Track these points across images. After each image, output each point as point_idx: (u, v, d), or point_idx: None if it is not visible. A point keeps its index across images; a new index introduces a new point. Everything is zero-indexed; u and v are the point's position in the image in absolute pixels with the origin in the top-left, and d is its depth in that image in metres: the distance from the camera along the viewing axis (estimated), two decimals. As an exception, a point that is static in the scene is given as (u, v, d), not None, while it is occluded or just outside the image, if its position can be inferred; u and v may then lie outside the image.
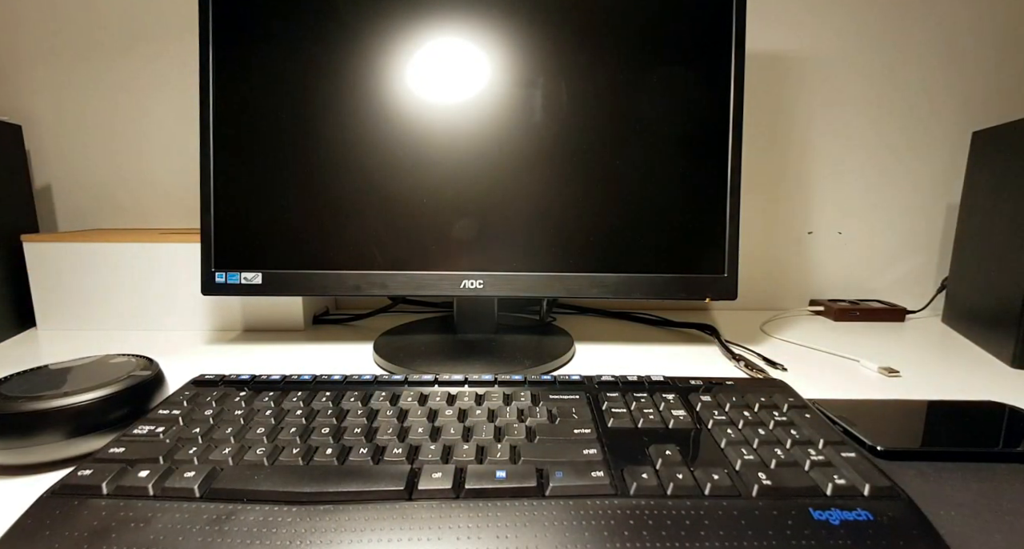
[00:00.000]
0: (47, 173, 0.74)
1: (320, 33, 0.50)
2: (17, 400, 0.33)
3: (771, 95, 0.73)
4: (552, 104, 0.50)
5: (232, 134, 0.51)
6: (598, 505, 0.26)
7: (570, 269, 0.51)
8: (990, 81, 0.72)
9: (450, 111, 0.50)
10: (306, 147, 0.50)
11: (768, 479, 0.28)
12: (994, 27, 0.71)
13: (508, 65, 0.50)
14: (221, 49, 0.50)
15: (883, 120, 0.74)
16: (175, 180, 0.74)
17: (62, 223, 0.75)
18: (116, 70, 0.71)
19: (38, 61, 0.71)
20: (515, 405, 0.35)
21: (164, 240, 0.61)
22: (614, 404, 0.36)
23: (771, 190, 0.76)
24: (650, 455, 0.30)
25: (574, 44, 0.50)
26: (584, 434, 0.32)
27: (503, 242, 0.51)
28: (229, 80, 0.50)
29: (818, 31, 0.72)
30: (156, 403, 0.38)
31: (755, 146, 0.75)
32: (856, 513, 0.26)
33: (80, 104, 0.72)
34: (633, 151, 0.51)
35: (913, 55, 0.72)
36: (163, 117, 0.72)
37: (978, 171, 0.62)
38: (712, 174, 0.51)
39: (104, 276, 0.61)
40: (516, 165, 0.50)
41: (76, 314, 0.62)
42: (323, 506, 0.26)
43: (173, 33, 0.70)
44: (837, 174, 0.75)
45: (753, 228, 0.77)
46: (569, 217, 0.51)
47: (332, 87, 0.50)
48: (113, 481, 0.27)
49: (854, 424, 0.35)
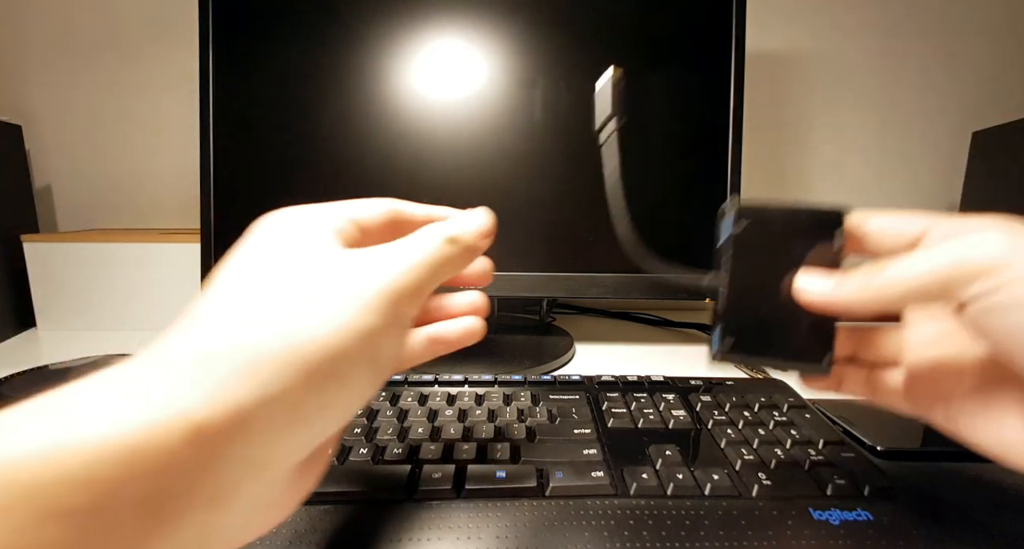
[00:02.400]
0: (47, 173, 0.74)
1: (320, 33, 0.50)
2: (17, 401, 0.33)
3: (771, 95, 0.73)
4: (552, 104, 0.50)
5: (232, 134, 0.51)
6: (598, 505, 0.26)
7: (570, 269, 0.51)
8: (990, 81, 0.72)
9: (450, 111, 0.50)
10: (306, 147, 0.50)
11: (768, 479, 0.28)
12: (994, 27, 0.71)
13: (508, 65, 0.50)
14: (221, 49, 0.50)
15: (883, 120, 0.74)
16: (175, 180, 0.74)
17: (62, 223, 0.75)
18: (116, 70, 0.71)
19: (38, 61, 0.71)
20: (515, 405, 0.35)
21: (164, 240, 0.61)
22: (614, 404, 0.36)
23: (771, 190, 0.76)
24: (650, 455, 0.30)
25: (574, 44, 0.50)
26: (584, 434, 0.32)
27: (503, 242, 0.51)
28: (229, 80, 0.50)
29: (818, 31, 0.72)
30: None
31: (755, 146, 0.75)
32: (856, 513, 0.26)
33: (80, 104, 0.72)
34: (633, 151, 0.51)
35: (913, 55, 0.72)
36: (163, 117, 0.72)
37: (978, 171, 0.62)
38: (712, 174, 0.51)
39: (104, 276, 0.61)
40: (516, 165, 0.50)
41: (76, 314, 0.62)
42: (323, 506, 0.26)
43: (173, 33, 0.70)
44: (837, 174, 0.75)
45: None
46: (569, 217, 0.51)
47: (332, 87, 0.50)
48: (113, 481, 0.27)
49: (854, 424, 0.35)
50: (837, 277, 0.21)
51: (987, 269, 0.17)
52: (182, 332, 0.16)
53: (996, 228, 0.19)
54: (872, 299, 0.20)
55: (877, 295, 0.20)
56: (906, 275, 0.19)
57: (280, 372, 0.15)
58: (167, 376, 0.15)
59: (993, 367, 0.21)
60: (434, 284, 0.20)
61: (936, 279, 0.18)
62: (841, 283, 0.21)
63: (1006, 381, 0.21)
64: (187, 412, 0.14)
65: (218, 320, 0.16)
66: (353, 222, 0.21)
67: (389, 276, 0.18)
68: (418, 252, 0.20)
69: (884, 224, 0.22)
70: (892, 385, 0.24)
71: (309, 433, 0.17)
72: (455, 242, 0.21)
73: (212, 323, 0.16)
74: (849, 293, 0.20)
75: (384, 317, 0.18)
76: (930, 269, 0.18)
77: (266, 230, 0.20)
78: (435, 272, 0.20)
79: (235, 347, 0.15)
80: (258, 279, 0.17)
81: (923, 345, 0.23)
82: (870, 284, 0.20)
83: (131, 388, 0.14)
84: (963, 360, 0.22)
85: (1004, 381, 0.21)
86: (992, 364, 0.21)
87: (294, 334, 0.16)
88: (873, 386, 0.25)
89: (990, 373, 0.21)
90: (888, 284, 0.19)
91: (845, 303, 0.20)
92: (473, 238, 0.22)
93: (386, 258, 0.19)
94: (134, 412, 0.14)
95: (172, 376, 0.15)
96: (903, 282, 0.19)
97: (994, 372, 0.21)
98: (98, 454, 0.13)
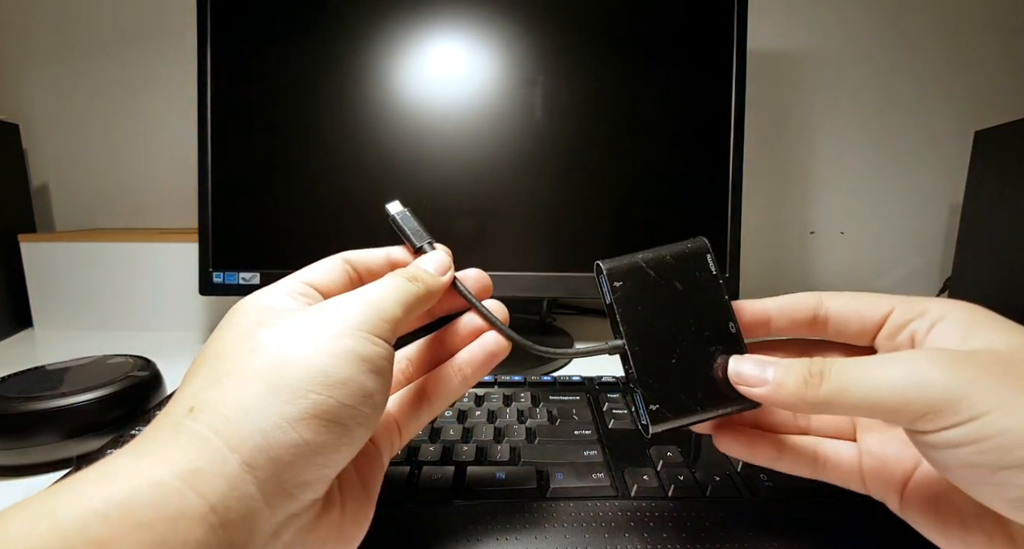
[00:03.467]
0: (44, 172, 0.73)
1: (319, 33, 0.49)
2: (14, 401, 0.33)
3: (773, 94, 0.73)
4: (553, 103, 0.50)
5: (230, 134, 0.50)
6: (599, 507, 0.26)
7: (570, 269, 0.51)
8: (992, 80, 0.72)
9: (450, 111, 0.50)
10: (304, 147, 0.50)
11: (769, 480, 0.28)
12: (996, 26, 0.71)
13: (509, 64, 0.50)
14: (219, 49, 0.50)
15: (885, 119, 0.74)
16: (173, 180, 0.73)
17: (59, 223, 0.75)
18: (114, 69, 0.71)
19: (36, 60, 0.70)
20: (515, 406, 0.35)
21: (162, 240, 0.60)
22: (615, 405, 0.36)
23: (773, 190, 0.76)
24: (651, 456, 0.30)
25: (575, 43, 0.50)
26: (585, 435, 0.32)
27: (503, 242, 0.51)
28: (227, 80, 0.50)
29: (820, 30, 0.72)
30: (154, 404, 0.37)
31: (757, 146, 0.74)
32: (858, 514, 0.25)
33: (78, 103, 0.71)
34: (634, 150, 0.51)
35: (916, 54, 0.72)
36: (161, 116, 0.72)
37: (981, 171, 0.62)
38: (713, 173, 0.51)
39: (101, 276, 0.61)
40: (516, 165, 0.50)
41: (73, 314, 0.61)
42: (321, 508, 0.25)
43: (172, 32, 0.70)
44: (839, 174, 0.75)
45: (755, 228, 0.76)
46: (569, 217, 0.51)
47: (331, 87, 0.50)
48: (109, 483, 0.27)
49: (856, 425, 0.35)
50: (773, 370, 0.19)
51: (938, 406, 0.16)
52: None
53: (956, 330, 0.18)
54: (809, 409, 0.18)
55: (814, 406, 0.18)
56: (851, 394, 0.17)
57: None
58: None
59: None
60: (404, 318, 0.20)
61: (881, 407, 0.17)
62: (780, 386, 0.19)
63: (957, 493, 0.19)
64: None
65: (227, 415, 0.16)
66: (308, 284, 0.21)
67: (354, 312, 0.19)
68: (379, 290, 0.20)
69: (847, 307, 0.21)
70: (842, 460, 0.22)
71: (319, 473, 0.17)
72: (416, 280, 0.21)
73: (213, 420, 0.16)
74: (787, 397, 0.19)
75: (360, 352, 0.18)
76: (876, 396, 0.17)
77: (232, 317, 0.19)
78: (404, 305, 0.20)
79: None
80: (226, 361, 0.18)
81: (874, 436, 0.22)
82: (807, 395, 0.18)
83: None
84: (914, 458, 0.21)
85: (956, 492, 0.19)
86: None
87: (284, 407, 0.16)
88: (815, 455, 0.23)
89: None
90: (828, 399, 0.18)
91: (781, 405, 0.19)
92: (432, 275, 0.22)
93: (347, 300, 0.19)
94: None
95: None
96: (844, 400, 0.17)
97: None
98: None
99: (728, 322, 0.21)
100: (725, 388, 0.21)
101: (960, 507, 0.19)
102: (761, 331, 0.22)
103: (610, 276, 0.22)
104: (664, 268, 0.22)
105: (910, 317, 0.20)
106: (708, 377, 0.21)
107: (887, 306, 0.20)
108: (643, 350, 0.21)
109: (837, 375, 0.18)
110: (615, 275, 0.22)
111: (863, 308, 0.21)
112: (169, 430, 0.16)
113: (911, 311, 0.20)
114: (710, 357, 0.21)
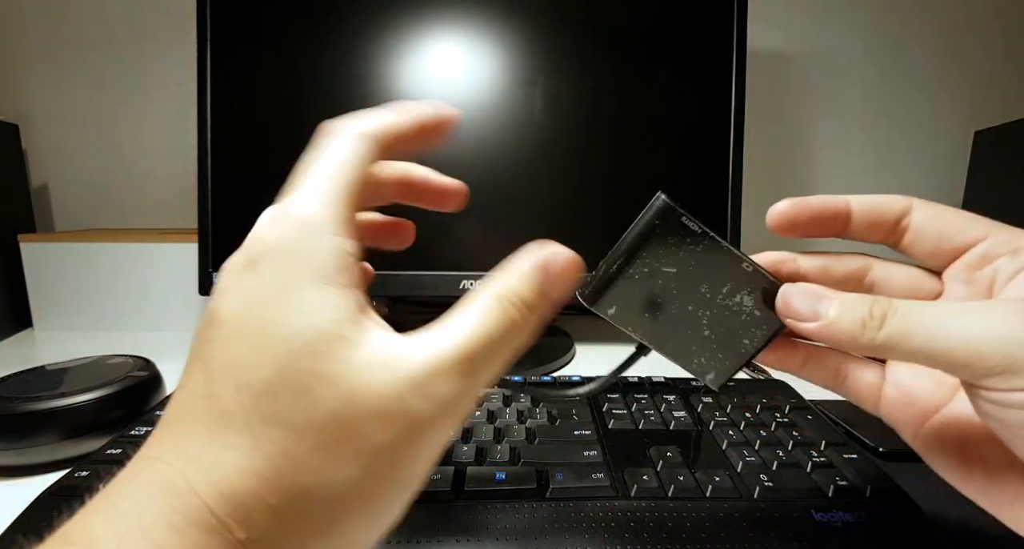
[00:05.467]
0: (44, 172, 0.73)
1: (319, 33, 0.49)
2: (14, 401, 0.33)
3: (772, 95, 0.73)
4: (553, 103, 0.50)
5: (230, 133, 0.50)
6: (598, 507, 0.26)
7: (570, 269, 0.51)
8: (992, 80, 0.72)
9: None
10: (304, 146, 0.50)
11: (769, 481, 0.27)
12: (996, 26, 0.71)
13: (509, 64, 0.50)
14: (219, 48, 0.50)
15: (885, 119, 0.74)
16: (172, 180, 0.73)
17: (59, 223, 0.75)
18: (114, 69, 0.71)
19: (36, 60, 0.70)
20: (515, 406, 0.35)
21: (161, 240, 0.60)
22: (615, 405, 0.36)
23: (773, 190, 0.76)
24: (651, 457, 0.30)
25: (575, 43, 0.50)
26: (584, 435, 0.32)
27: (503, 242, 0.51)
28: (227, 79, 0.50)
29: (820, 30, 0.72)
30: (154, 404, 0.37)
31: (756, 145, 0.74)
32: (858, 515, 0.25)
33: (78, 103, 0.71)
34: (634, 151, 0.51)
35: (915, 54, 0.72)
36: (161, 116, 0.72)
37: (980, 171, 0.62)
38: (713, 174, 0.51)
39: (101, 276, 0.61)
40: (516, 165, 0.50)
41: (73, 314, 0.61)
42: (321, 508, 0.25)
43: (172, 32, 0.70)
44: (839, 174, 0.75)
45: (755, 228, 0.76)
46: (569, 217, 0.51)
47: (331, 87, 0.50)
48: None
49: (856, 425, 0.35)
50: (827, 305, 0.17)
51: (1019, 365, 0.14)
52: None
53: None
54: (861, 351, 0.17)
55: (868, 349, 0.16)
56: (913, 342, 0.16)
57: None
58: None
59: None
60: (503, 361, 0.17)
61: (947, 358, 0.15)
62: (834, 323, 0.17)
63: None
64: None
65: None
66: (351, 253, 0.17)
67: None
68: (482, 328, 0.16)
69: (935, 220, 0.19)
70: (863, 381, 0.21)
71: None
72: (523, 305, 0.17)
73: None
74: (840, 335, 0.17)
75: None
76: (943, 346, 0.15)
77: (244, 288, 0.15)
78: (501, 349, 0.16)
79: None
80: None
81: (907, 370, 0.20)
82: (864, 337, 0.16)
83: None
84: (947, 392, 0.19)
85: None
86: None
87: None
88: (844, 377, 0.21)
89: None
90: (887, 343, 0.16)
91: (832, 343, 0.18)
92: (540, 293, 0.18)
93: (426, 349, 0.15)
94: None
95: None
96: (904, 347, 0.16)
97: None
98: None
99: (741, 264, 0.20)
100: (760, 321, 0.20)
101: (990, 460, 0.18)
102: (835, 227, 0.20)
103: (598, 308, 0.21)
104: (643, 264, 0.20)
105: (1002, 252, 0.18)
106: (744, 323, 0.20)
107: (980, 231, 0.18)
108: (673, 344, 0.21)
109: (902, 319, 0.16)
110: (604, 304, 0.21)
111: (952, 226, 0.19)
112: None
113: (1007, 245, 0.18)
114: (740, 307, 0.20)
